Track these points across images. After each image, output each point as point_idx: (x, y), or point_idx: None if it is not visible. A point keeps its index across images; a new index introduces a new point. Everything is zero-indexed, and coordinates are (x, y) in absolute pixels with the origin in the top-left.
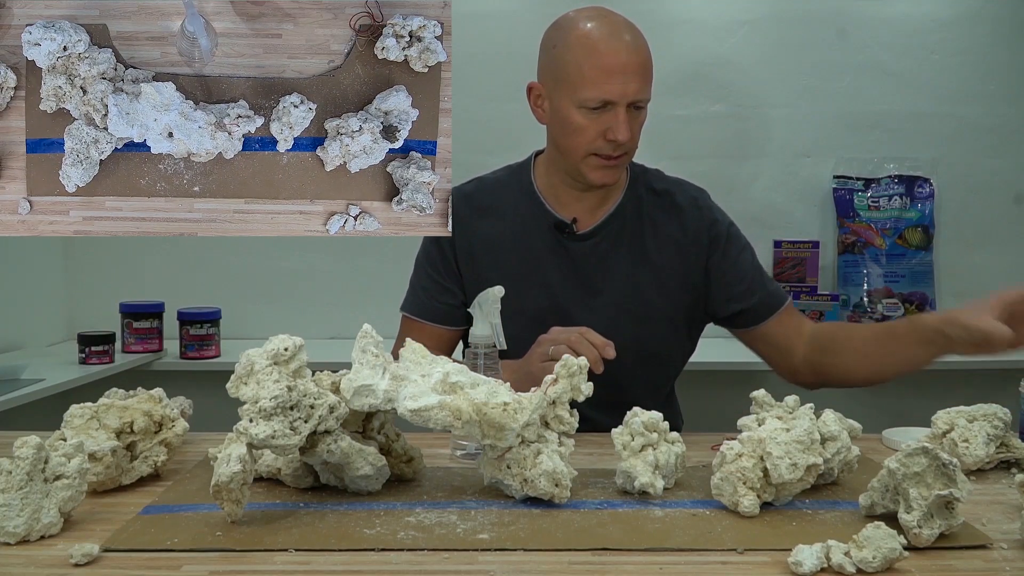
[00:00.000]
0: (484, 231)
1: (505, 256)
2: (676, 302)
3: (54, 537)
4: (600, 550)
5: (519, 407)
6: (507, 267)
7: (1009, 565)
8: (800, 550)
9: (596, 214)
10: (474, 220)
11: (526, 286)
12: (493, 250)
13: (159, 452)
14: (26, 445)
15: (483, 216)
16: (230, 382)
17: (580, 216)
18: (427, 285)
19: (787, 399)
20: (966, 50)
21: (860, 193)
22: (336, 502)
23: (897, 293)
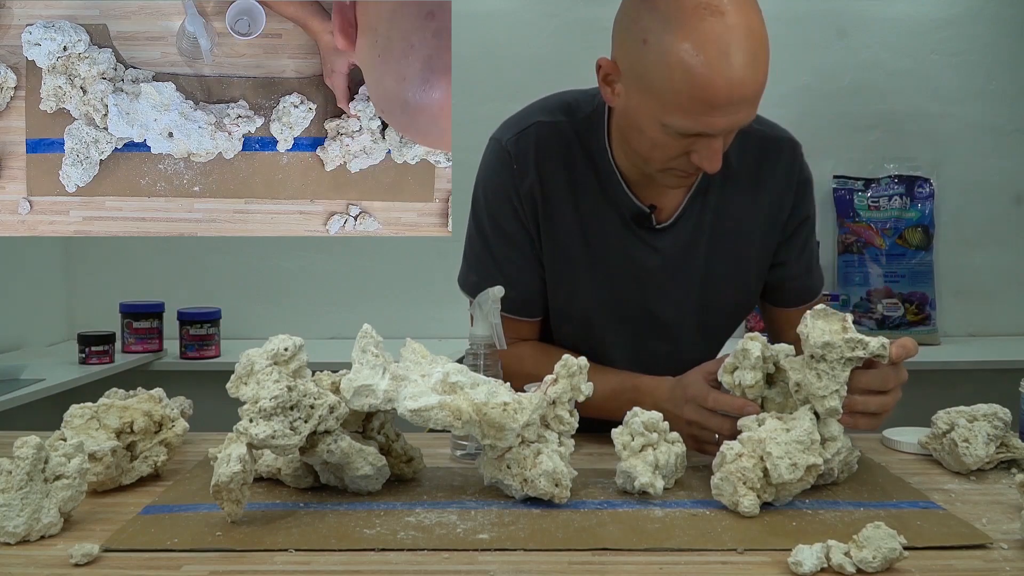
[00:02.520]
0: (551, 206)
1: (566, 240)
2: (754, 272)
3: (54, 537)
4: (600, 550)
5: (519, 407)
6: (568, 254)
7: (1009, 565)
8: (800, 550)
9: (677, 195)
10: (537, 192)
11: (588, 281)
12: (556, 234)
13: (159, 452)
14: (26, 445)
15: (546, 184)
16: (230, 382)
17: (659, 200)
18: (509, 272)
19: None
20: (966, 50)
21: (860, 193)
22: (336, 502)
23: (897, 293)
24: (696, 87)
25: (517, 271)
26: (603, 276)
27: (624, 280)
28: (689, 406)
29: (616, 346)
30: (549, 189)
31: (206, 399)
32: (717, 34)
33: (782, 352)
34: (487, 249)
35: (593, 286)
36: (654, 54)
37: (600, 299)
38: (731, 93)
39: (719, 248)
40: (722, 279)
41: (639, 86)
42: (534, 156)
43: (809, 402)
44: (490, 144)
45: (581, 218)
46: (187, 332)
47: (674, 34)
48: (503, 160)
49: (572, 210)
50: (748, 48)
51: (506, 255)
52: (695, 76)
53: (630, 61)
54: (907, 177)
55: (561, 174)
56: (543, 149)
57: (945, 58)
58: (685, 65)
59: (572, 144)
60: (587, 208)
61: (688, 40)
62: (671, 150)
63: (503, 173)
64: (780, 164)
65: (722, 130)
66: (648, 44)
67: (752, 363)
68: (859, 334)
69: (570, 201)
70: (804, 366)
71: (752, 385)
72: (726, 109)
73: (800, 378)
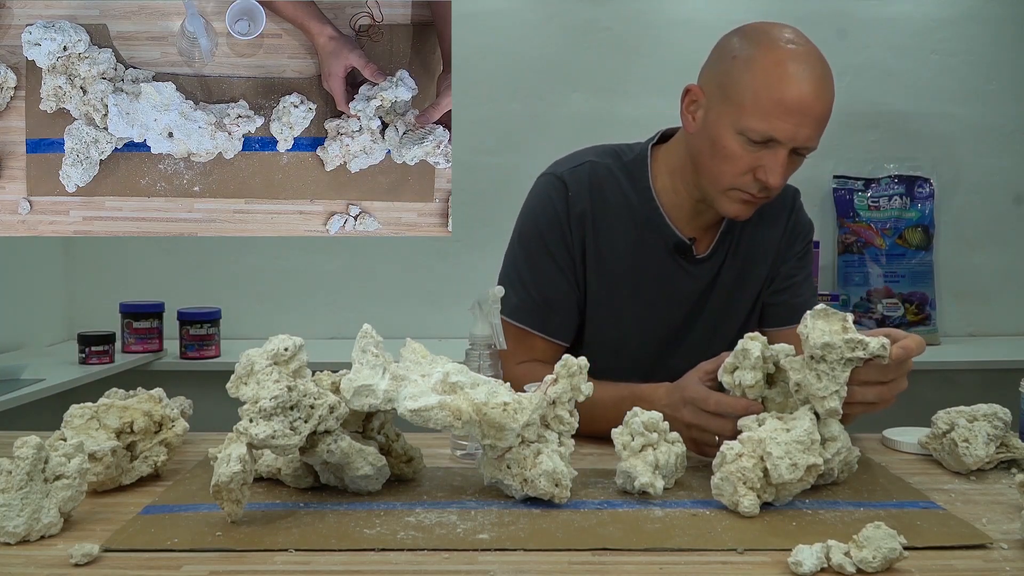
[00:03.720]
0: (601, 235)
1: (615, 268)
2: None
3: (54, 537)
4: (600, 550)
5: (519, 407)
6: (614, 282)
7: (1009, 565)
8: (800, 550)
9: (711, 232)
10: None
11: (626, 306)
12: (603, 259)
13: (159, 452)
14: (26, 445)
15: (597, 216)
16: (230, 382)
17: (697, 234)
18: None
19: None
20: (966, 50)
21: (860, 193)
22: (336, 502)
23: (897, 293)
24: (773, 88)
25: (560, 294)
26: (642, 296)
27: (663, 303)
28: (688, 409)
29: (641, 365)
30: (599, 217)
31: (206, 399)
32: (796, 55)
33: (782, 352)
34: (529, 264)
35: (634, 306)
36: (740, 64)
37: (638, 318)
38: (802, 100)
39: (740, 276)
40: (739, 302)
41: (722, 96)
42: (588, 186)
43: (809, 402)
44: (541, 179)
45: (628, 245)
46: (187, 332)
47: (760, 50)
48: (558, 188)
49: (620, 237)
50: (819, 72)
51: (550, 278)
52: (773, 79)
53: (717, 78)
54: (907, 177)
55: (611, 206)
56: (595, 182)
57: (945, 58)
58: (766, 70)
59: (620, 182)
60: (634, 237)
61: (771, 54)
62: (741, 164)
63: (557, 200)
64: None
65: (790, 138)
66: (736, 59)
67: (752, 363)
68: (859, 334)
69: (618, 229)
70: (804, 366)
71: (752, 385)
72: (796, 117)
73: (800, 378)
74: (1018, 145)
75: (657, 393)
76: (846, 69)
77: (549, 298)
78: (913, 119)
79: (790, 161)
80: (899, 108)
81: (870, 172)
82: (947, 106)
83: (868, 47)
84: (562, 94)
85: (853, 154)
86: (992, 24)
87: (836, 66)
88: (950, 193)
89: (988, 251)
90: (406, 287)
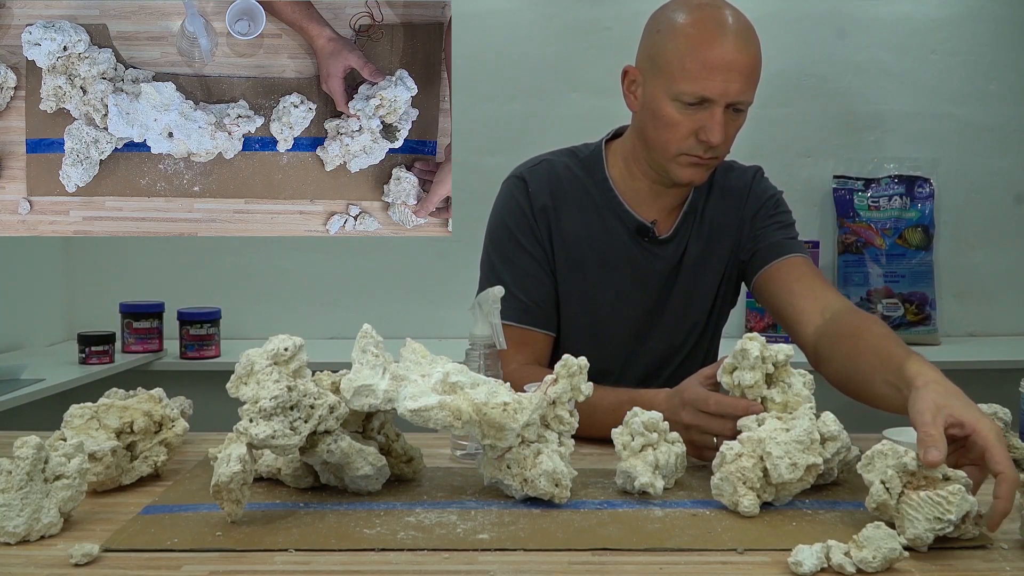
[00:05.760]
0: (564, 225)
1: (581, 256)
2: (729, 287)
3: (54, 537)
4: (600, 550)
5: (519, 407)
6: (582, 269)
7: (1009, 565)
8: (800, 550)
9: (673, 214)
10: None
11: (597, 292)
12: (568, 248)
13: (159, 452)
14: (26, 445)
15: (559, 208)
16: (230, 382)
17: (659, 217)
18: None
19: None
20: (966, 50)
21: (860, 193)
22: (336, 502)
23: (897, 293)
24: (696, 50)
25: (535, 283)
26: (612, 281)
27: (632, 285)
28: (687, 410)
29: (620, 349)
30: (560, 208)
31: (206, 399)
32: (713, 16)
33: (782, 352)
34: (506, 265)
35: (605, 291)
36: (664, 34)
37: (609, 301)
38: (724, 57)
39: (704, 253)
40: (706, 278)
41: (653, 68)
42: (546, 181)
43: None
44: (505, 181)
45: (592, 232)
46: (187, 332)
47: (680, 17)
48: (519, 187)
49: (582, 225)
50: (739, 29)
51: (525, 268)
52: (698, 37)
53: (647, 52)
54: (907, 177)
55: (570, 197)
56: (554, 177)
57: (945, 58)
58: (687, 35)
59: (577, 175)
60: (595, 223)
61: (690, 18)
62: (682, 128)
63: (520, 197)
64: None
65: (721, 95)
66: (660, 31)
67: (751, 363)
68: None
69: (579, 218)
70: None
71: (752, 385)
72: (723, 74)
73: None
74: (1018, 145)
75: (657, 398)
76: (846, 69)
77: (530, 292)
78: (913, 119)
79: (729, 118)
80: (899, 108)
81: (870, 172)
82: (947, 106)
83: (868, 47)
84: (562, 94)
85: (853, 154)
86: (992, 24)
87: (836, 66)
88: (950, 193)
89: (988, 251)
90: (406, 287)
